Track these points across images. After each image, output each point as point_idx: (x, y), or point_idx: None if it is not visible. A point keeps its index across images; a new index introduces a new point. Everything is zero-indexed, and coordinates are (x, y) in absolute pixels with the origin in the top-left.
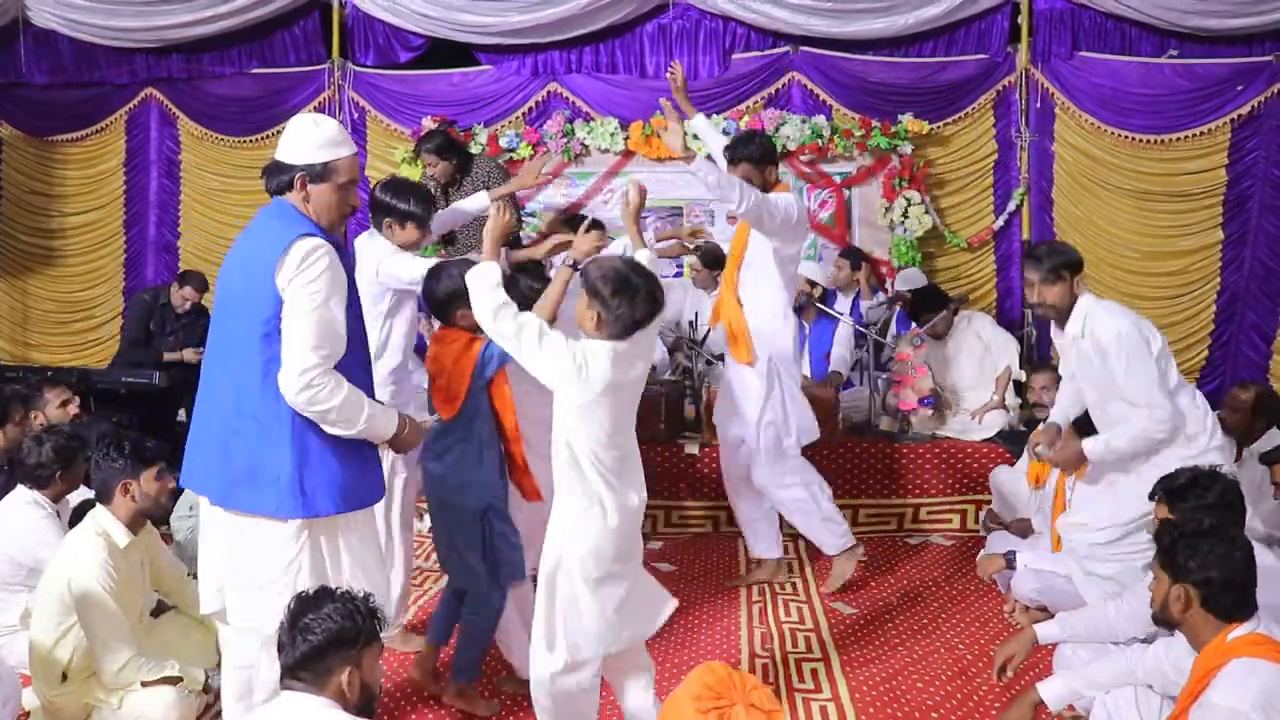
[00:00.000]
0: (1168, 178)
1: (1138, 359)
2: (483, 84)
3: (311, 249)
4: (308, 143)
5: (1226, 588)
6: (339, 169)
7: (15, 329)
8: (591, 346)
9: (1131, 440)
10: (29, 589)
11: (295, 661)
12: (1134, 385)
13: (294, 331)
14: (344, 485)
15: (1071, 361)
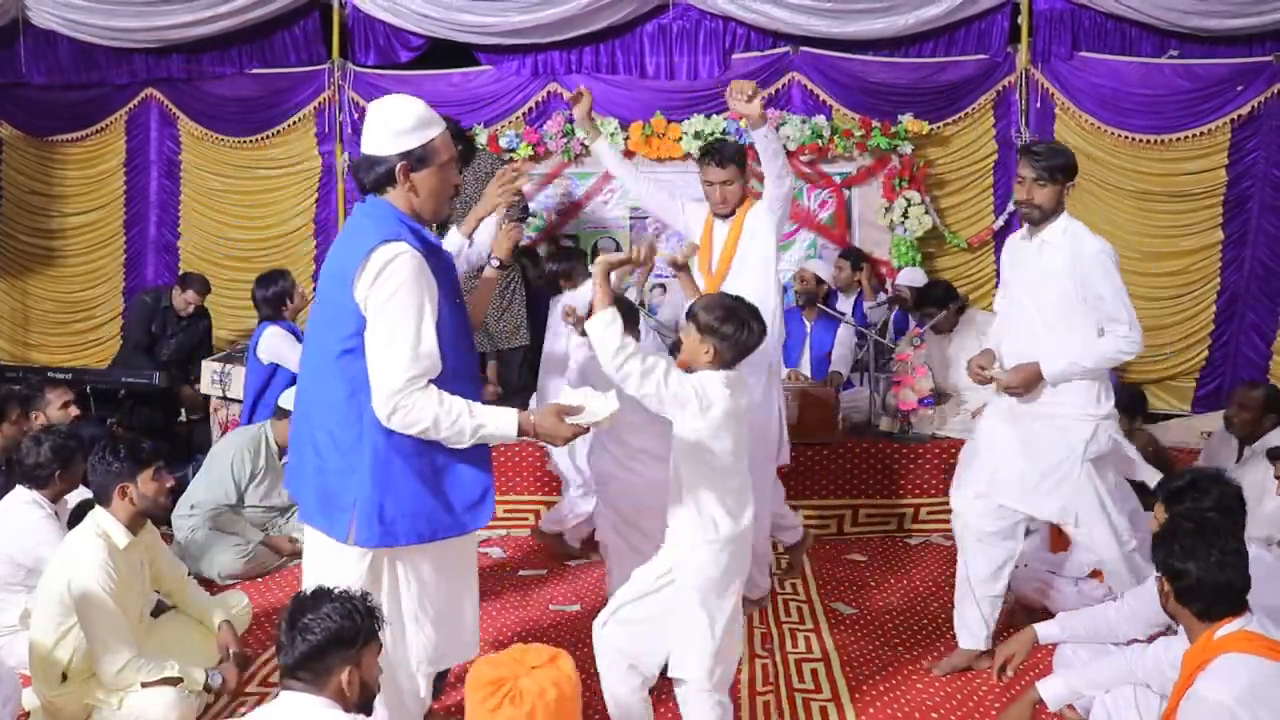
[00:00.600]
0: (1168, 178)
1: (1119, 275)
2: (483, 84)
3: (390, 258)
4: (398, 128)
5: (1202, 587)
6: (437, 148)
7: (15, 329)
8: (707, 378)
9: (1100, 358)
10: (28, 589)
11: (294, 661)
12: (1119, 300)
13: (377, 352)
14: (426, 515)
15: (1029, 274)
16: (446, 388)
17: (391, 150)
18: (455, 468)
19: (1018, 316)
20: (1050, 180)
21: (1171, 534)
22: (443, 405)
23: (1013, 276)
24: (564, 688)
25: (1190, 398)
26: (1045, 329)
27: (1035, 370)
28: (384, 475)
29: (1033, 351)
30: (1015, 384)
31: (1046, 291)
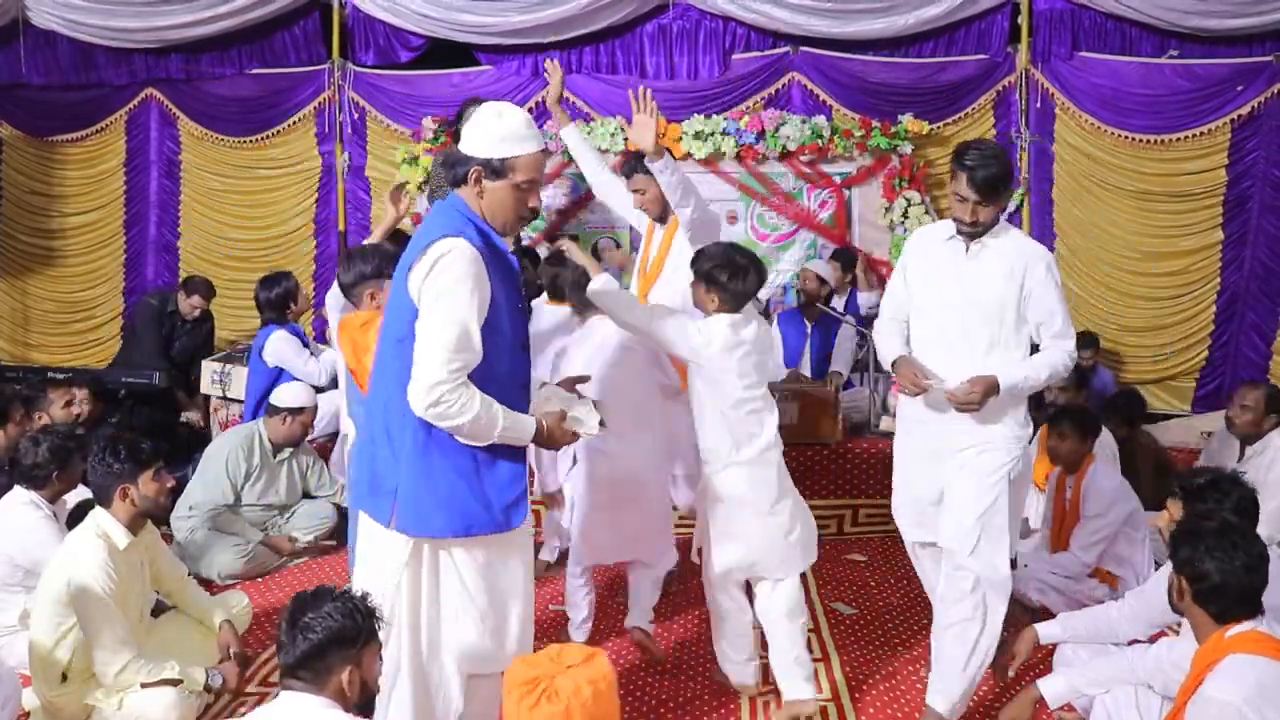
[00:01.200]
0: (1168, 178)
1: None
2: (483, 84)
3: (447, 250)
4: (489, 134)
5: (1221, 590)
6: (518, 166)
7: (15, 329)
8: (711, 322)
9: (1053, 373)
10: (27, 590)
11: (295, 660)
12: (1066, 313)
13: (423, 342)
14: (461, 509)
15: (962, 280)
16: (492, 390)
17: (474, 153)
18: (495, 467)
19: (945, 325)
20: (993, 198)
21: (1195, 534)
22: (482, 405)
23: (934, 281)
24: (600, 685)
25: (1190, 398)
26: (988, 341)
27: (994, 382)
28: (424, 466)
29: (971, 365)
30: (977, 398)
31: (985, 300)
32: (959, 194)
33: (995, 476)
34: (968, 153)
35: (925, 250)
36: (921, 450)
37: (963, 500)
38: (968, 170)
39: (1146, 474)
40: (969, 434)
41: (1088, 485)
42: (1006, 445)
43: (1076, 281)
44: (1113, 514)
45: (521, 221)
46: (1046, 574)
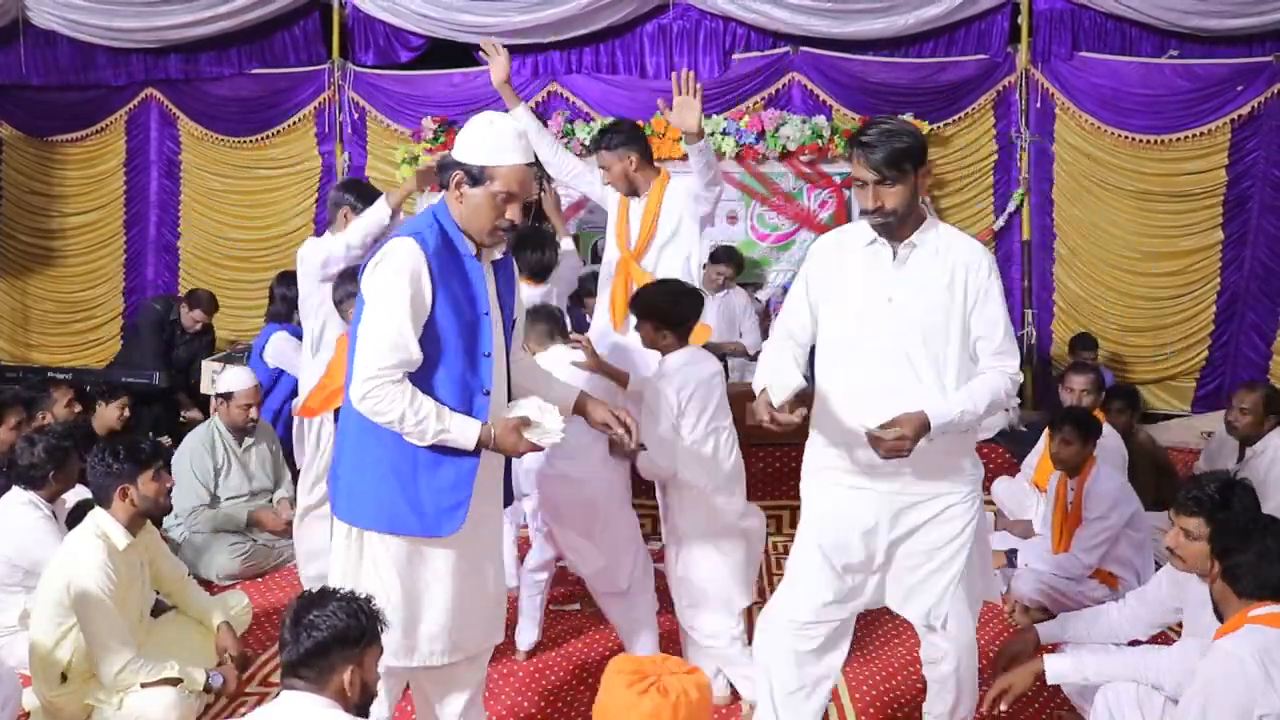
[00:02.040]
0: (1168, 178)
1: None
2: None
3: (395, 249)
4: (474, 141)
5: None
6: (496, 176)
7: (15, 329)
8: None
9: (993, 399)
10: (27, 590)
11: (298, 658)
12: (1009, 327)
13: (360, 337)
14: (390, 506)
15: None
16: (441, 395)
17: (459, 157)
18: (437, 469)
19: (877, 354)
20: (898, 176)
21: (1230, 520)
22: (413, 404)
23: (854, 298)
24: (704, 693)
25: (1190, 398)
26: (933, 369)
27: (923, 420)
28: (361, 457)
29: (913, 402)
30: (908, 444)
31: (924, 317)
32: (857, 177)
33: (957, 544)
34: (866, 130)
35: (838, 261)
36: (847, 515)
37: (911, 570)
38: (863, 146)
39: (1146, 474)
40: (912, 491)
41: (1089, 487)
42: (965, 499)
43: (1076, 281)
44: (1114, 516)
45: (497, 233)
46: (1047, 574)
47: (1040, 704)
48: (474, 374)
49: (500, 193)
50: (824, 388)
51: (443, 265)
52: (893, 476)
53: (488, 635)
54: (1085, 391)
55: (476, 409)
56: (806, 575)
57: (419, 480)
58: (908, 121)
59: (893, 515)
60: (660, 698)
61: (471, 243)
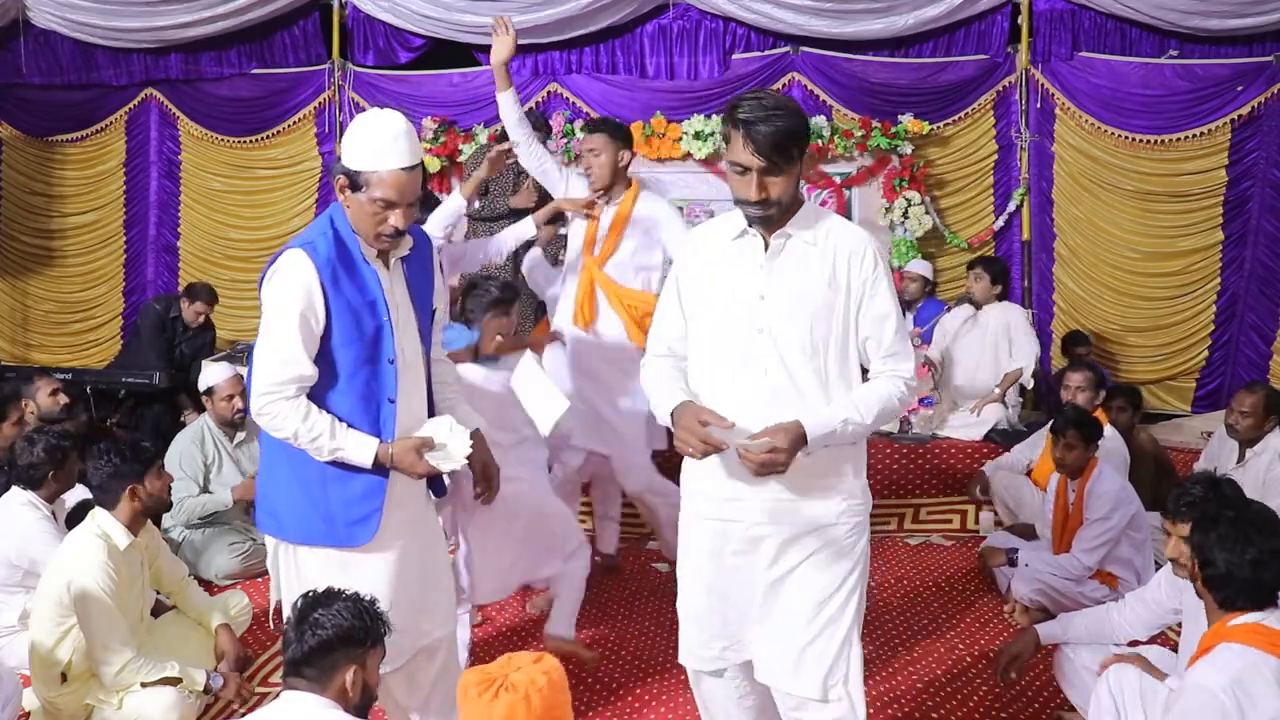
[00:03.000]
0: (1168, 178)
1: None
2: (483, 84)
3: (284, 262)
4: (353, 142)
5: (1226, 579)
6: (372, 182)
7: (15, 329)
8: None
9: (883, 407)
10: (27, 590)
11: (301, 656)
12: (902, 324)
13: (255, 352)
14: (301, 517)
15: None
16: (344, 405)
17: (343, 159)
18: (348, 481)
19: (746, 359)
20: (784, 163)
21: (1213, 521)
22: (305, 420)
23: (722, 297)
24: (554, 676)
25: (1190, 398)
26: (814, 376)
27: (798, 432)
28: (274, 470)
29: (782, 407)
30: (783, 457)
31: (801, 316)
32: (737, 162)
33: (846, 586)
34: (742, 105)
35: (707, 257)
36: (723, 541)
37: (796, 628)
38: (745, 126)
39: (1147, 474)
40: (798, 519)
41: (1091, 488)
42: (854, 531)
43: (1076, 281)
44: (1116, 517)
45: (382, 240)
46: (1047, 575)
47: (1040, 703)
48: (377, 382)
49: (378, 199)
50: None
51: (335, 274)
52: (771, 501)
53: (433, 628)
54: (1081, 388)
55: (383, 418)
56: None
57: (329, 492)
58: (786, 97)
59: (775, 547)
60: (511, 695)
61: (374, 247)
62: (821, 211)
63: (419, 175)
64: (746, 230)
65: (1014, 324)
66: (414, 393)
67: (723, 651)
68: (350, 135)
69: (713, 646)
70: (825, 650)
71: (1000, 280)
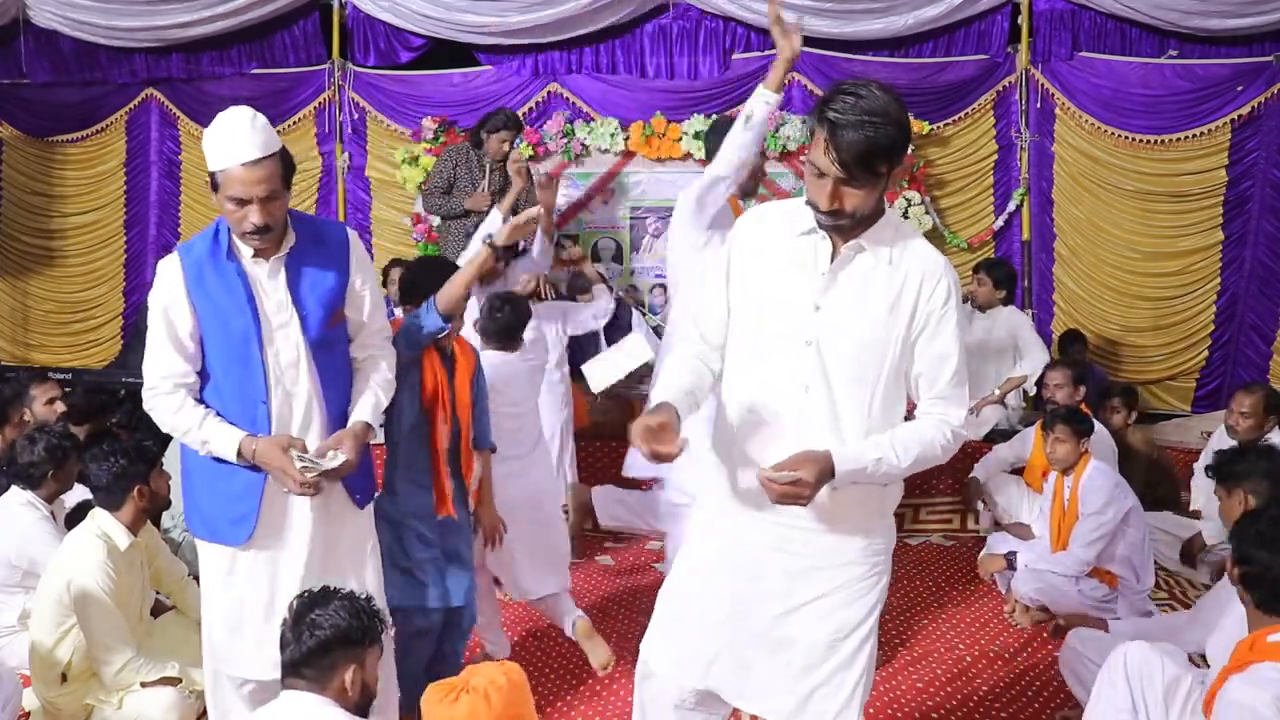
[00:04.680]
0: (1168, 178)
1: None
2: (483, 84)
3: (160, 264)
4: (206, 144)
5: (1262, 578)
6: (222, 181)
7: (15, 329)
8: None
9: (922, 452)
10: (27, 590)
11: (300, 657)
12: (959, 362)
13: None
14: (198, 513)
15: (820, 296)
16: (220, 404)
17: (207, 163)
18: (230, 478)
19: (789, 373)
20: (868, 179)
21: (1254, 517)
22: (178, 414)
23: (765, 293)
24: (513, 676)
25: (1190, 398)
26: (857, 404)
27: (827, 465)
28: (181, 467)
29: (815, 431)
30: (808, 490)
31: (850, 331)
32: (815, 164)
33: (863, 631)
34: (835, 100)
35: (766, 246)
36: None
37: (806, 669)
38: (831, 128)
39: (1137, 474)
40: (810, 551)
41: (1085, 483)
42: (874, 572)
43: (1076, 281)
44: (1110, 511)
45: (247, 238)
46: (1045, 573)
47: (1040, 703)
48: (250, 383)
49: (230, 196)
50: (725, 404)
51: (202, 275)
52: (780, 526)
53: None
54: (1059, 386)
55: (258, 419)
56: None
57: (213, 489)
58: (890, 99)
59: (783, 578)
60: (471, 695)
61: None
62: (904, 226)
63: (269, 168)
64: (815, 230)
65: (1022, 331)
66: (294, 395)
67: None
68: (203, 139)
69: (668, 651)
70: (835, 697)
71: (1005, 285)
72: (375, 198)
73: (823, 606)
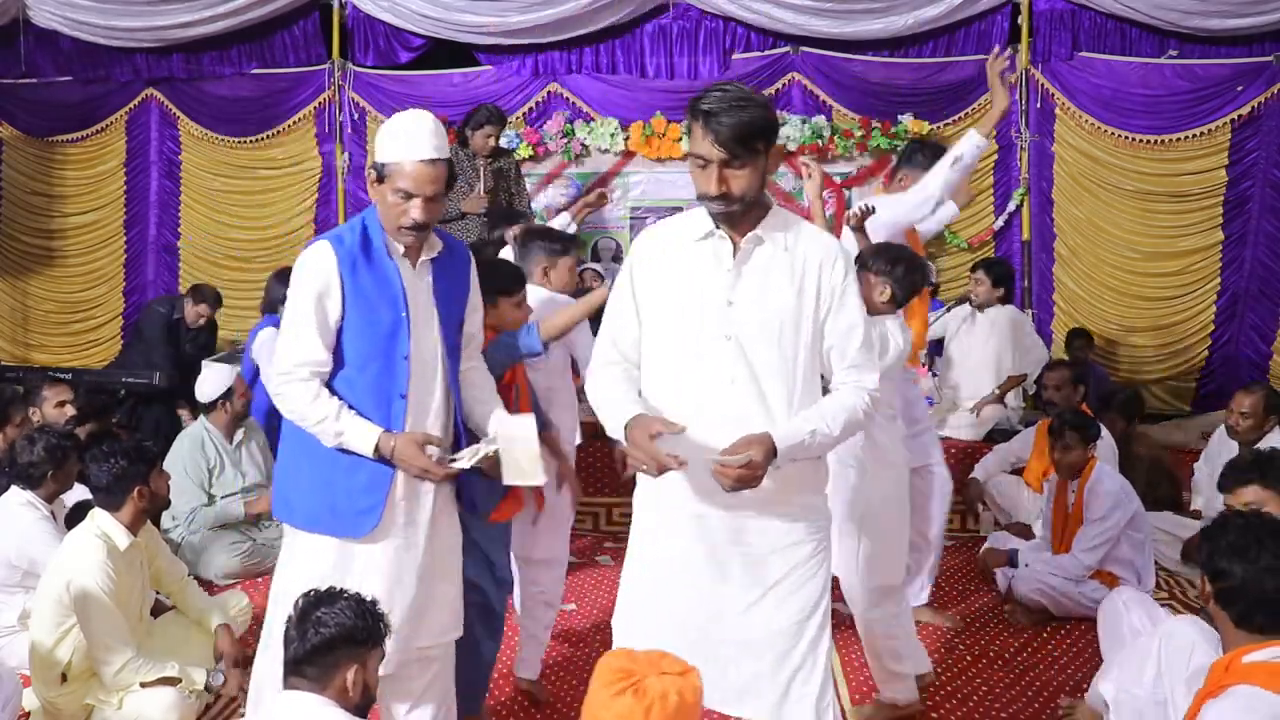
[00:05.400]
0: (1168, 178)
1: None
2: (483, 84)
3: (308, 252)
4: (381, 136)
5: (1240, 592)
6: (392, 173)
7: (15, 329)
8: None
9: (849, 419)
10: (27, 590)
11: (303, 655)
12: (865, 330)
13: (279, 335)
14: (309, 504)
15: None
16: (354, 398)
17: (374, 155)
18: (355, 471)
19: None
20: (748, 156)
21: (1221, 528)
22: (314, 403)
23: (678, 299)
24: (687, 697)
25: (1190, 398)
26: (783, 388)
27: (770, 444)
28: (289, 455)
29: (749, 421)
30: (760, 469)
31: (771, 326)
32: (698, 155)
33: (822, 606)
34: (706, 96)
35: (667, 258)
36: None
37: (781, 655)
38: (707, 117)
39: (1139, 479)
40: (765, 538)
41: (1092, 488)
42: (820, 548)
43: (1076, 281)
44: (1116, 516)
45: (402, 232)
46: (1046, 575)
47: (1040, 703)
48: (390, 377)
49: (398, 189)
50: (656, 412)
51: (355, 266)
52: (735, 519)
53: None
54: (1057, 387)
55: (394, 413)
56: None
57: (337, 480)
58: (752, 90)
59: (743, 569)
60: (634, 700)
61: (399, 242)
62: (790, 216)
63: (441, 170)
64: (714, 231)
65: (1022, 330)
66: (430, 392)
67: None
68: (380, 132)
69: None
70: (812, 679)
71: (1003, 283)
72: None
73: (783, 590)
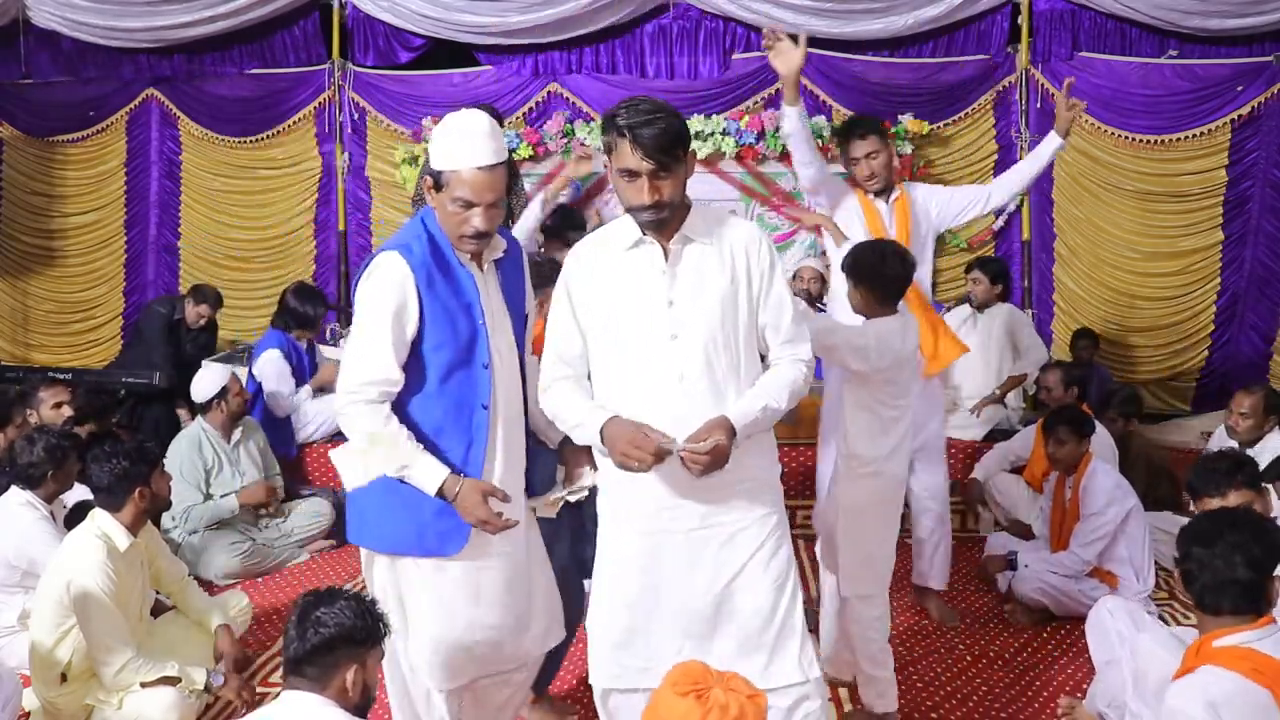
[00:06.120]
0: (1168, 178)
1: None
2: (483, 84)
3: (380, 264)
4: (437, 143)
5: (1203, 575)
6: (451, 182)
7: (15, 329)
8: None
9: (792, 391)
10: (27, 590)
11: (303, 654)
12: (792, 306)
13: (346, 352)
14: (391, 527)
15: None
16: (432, 408)
17: (430, 160)
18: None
19: (660, 372)
20: (672, 164)
21: (1195, 520)
22: (383, 429)
23: (619, 307)
24: (749, 714)
25: (1190, 398)
26: (732, 375)
27: (729, 425)
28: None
29: (702, 407)
30: (724, 451)
31: (710, 319)
32: (625, 169)
33: (792, 570)
34: (620, 112)
35: (601, 269)
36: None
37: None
38: (630, 131)
39: (1138, 479)
40: (733, 515)
41: (1087, 483)
42: (779, 512)
43: (1076, 281)
44: (1112, 511)
45: (464, 241)
46: (1046, 573)
47: (1040, 703)
48: (471, 388)
49: (458, 198)
50: None
51: (430, 276)
52: (705, 504)
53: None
54: (1049, 389)
55: (476, 424)
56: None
57: (419, 501)
58: (661, 100)
59: (717, 550)
60: (695, 703)
61: (463, 250)
62: (707, 209)
63: (500, 174)
64: (642, 239)
65: (1020, 329)
66: (510, 399)
67: (639, 674)
68: (434, 135)
69: (627, 665)
70: (794, 635)
71: (1001, 279)
72: (375, 198)
73: (759, 562)
